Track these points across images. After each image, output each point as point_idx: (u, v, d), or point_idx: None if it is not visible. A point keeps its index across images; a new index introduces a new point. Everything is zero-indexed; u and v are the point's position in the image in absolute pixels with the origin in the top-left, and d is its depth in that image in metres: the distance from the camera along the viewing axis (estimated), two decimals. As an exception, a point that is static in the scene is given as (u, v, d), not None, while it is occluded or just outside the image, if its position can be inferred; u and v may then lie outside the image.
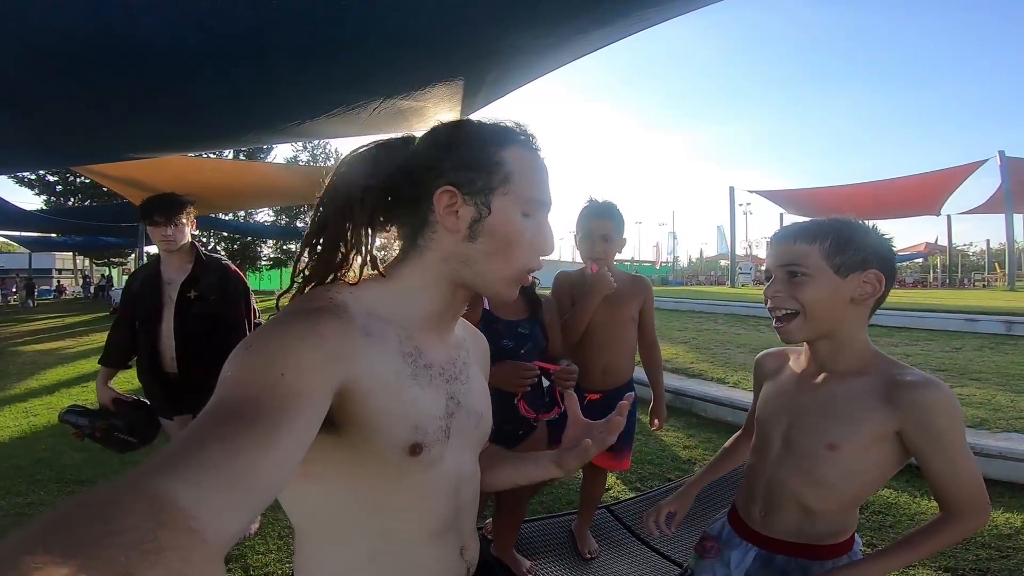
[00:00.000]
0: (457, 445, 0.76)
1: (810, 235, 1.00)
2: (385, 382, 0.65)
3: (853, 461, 0.98)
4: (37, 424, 4.36)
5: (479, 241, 0.72)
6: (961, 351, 6.06)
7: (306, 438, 0.53)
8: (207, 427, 0.47)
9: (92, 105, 2.01)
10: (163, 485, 0.39)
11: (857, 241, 0.98)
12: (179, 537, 0.36)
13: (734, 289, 22.81)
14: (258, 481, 0.45)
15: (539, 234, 0.75)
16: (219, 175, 8.34)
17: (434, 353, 0.75)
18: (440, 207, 0.71)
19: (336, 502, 0.69)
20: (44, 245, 24.50)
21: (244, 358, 0.56)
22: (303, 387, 0.54)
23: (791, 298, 1.00)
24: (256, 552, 2.34)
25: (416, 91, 2.27)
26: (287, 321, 0.60)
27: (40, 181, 20.36)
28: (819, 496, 1.01)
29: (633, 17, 1.91)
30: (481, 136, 0.74)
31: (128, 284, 2.39)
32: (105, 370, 2.33)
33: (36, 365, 7.08)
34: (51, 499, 2.91)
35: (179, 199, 2.27)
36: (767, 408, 1.14)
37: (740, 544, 1.13)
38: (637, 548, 2.27)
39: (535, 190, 0.74)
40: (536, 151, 0.77)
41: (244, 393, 0.52)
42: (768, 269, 1.08)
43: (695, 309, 11.42)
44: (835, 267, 0.98)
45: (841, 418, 0.99)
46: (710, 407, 4.46)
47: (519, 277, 0.75)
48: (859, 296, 0.99)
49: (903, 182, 22.41)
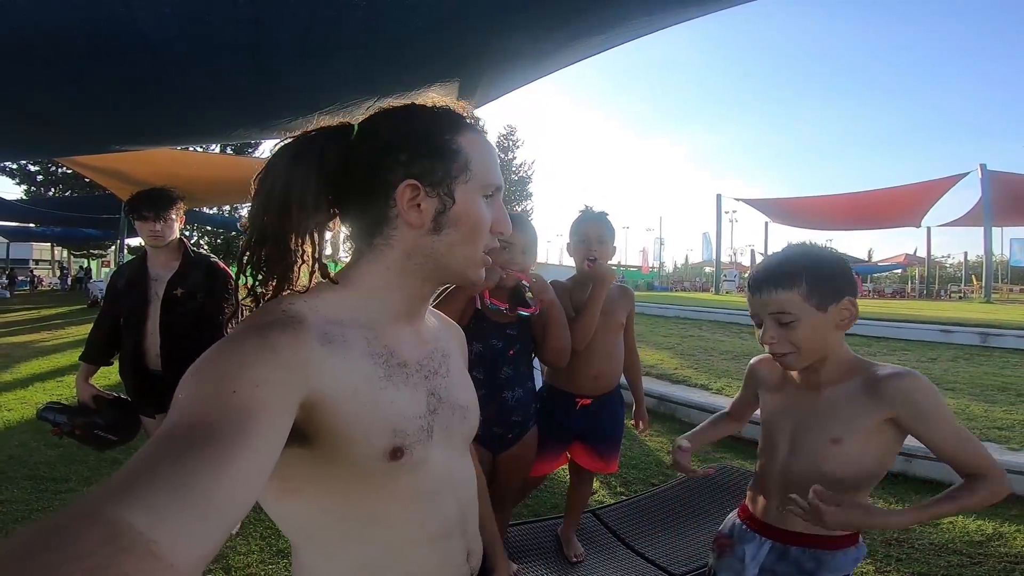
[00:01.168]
0: (443, 443, 0.73)
1: (786, 280, 1.09)
2: (354, 388, 0.63)
3: (856, 451, 1.09)
4: (10, 420, 4.24)
5: (444, 232, 0.70)
6: (936, 361, 6.18)
7: (268, 455, 0.51)
8: (160, 450, 0.45)
9: (82, 98, 1.98)
10: (118, 509, 0.38)
11: (826, 274, 1.09)
12: (141, 561, 0.35)
13: (718, 296, 23.04)
14: (218, 501, 0.44)
15: (499, 216, 0.75)
16: (206, 169, 8.25)
17: (407, 351, 0.72)
18: (403, 202, 0.68)
19: (323, 515, 0.67)
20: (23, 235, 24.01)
21: (195, 379, 0.54)
22: (257, 403, 0.52)
23: (787, 342, 1.11)
24: (238, 553, 2.31)
25: (410, 92, 2.27)
26: (238, 338, 0.58)
27: (21, 170, 19.97)
28: (830, 485, 1.09)
29: (624, 27, 1.94)
30: (435, 123, 0.71)
31: (113, 280, 2.35)
32: (86, 366, 2.29)
33: (9, 358, 6.87)
34: (25, 497, 2.83)
35: (169, 194, 2.24)
36: (769, 412, 1.27)
37: (754, 538, 1.23)
38: (622, 552, 2.28)
39: (491, 174, 0.73)
40: (484, 134, 0.75)
41: (197, 414, 0.50)
42: (755, 315, 1.16)
43: (680, 315, 11.51)
44: (815, 305, 1.08)
45: (839, 417, 1.11)
46: (693, 413, 4.49)
47: (484, 260, 0.75)
48: (840, 322, 1.10)
49: (885, 193, 22.84)
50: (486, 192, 0.73)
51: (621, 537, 2.38)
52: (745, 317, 10.43)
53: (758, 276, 1.14)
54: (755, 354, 1.39)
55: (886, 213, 23.70)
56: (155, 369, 2.21)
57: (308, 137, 0.70)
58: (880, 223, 24.83)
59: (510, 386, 1.79)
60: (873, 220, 24.34)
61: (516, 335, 1.81)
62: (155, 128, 2.60)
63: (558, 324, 1.82)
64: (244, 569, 2.20)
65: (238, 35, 1.56)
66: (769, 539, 1.20)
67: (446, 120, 0.71)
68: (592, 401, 2.10)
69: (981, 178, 19.58)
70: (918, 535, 2.53)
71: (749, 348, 7.06)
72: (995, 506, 2.75)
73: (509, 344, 1.79)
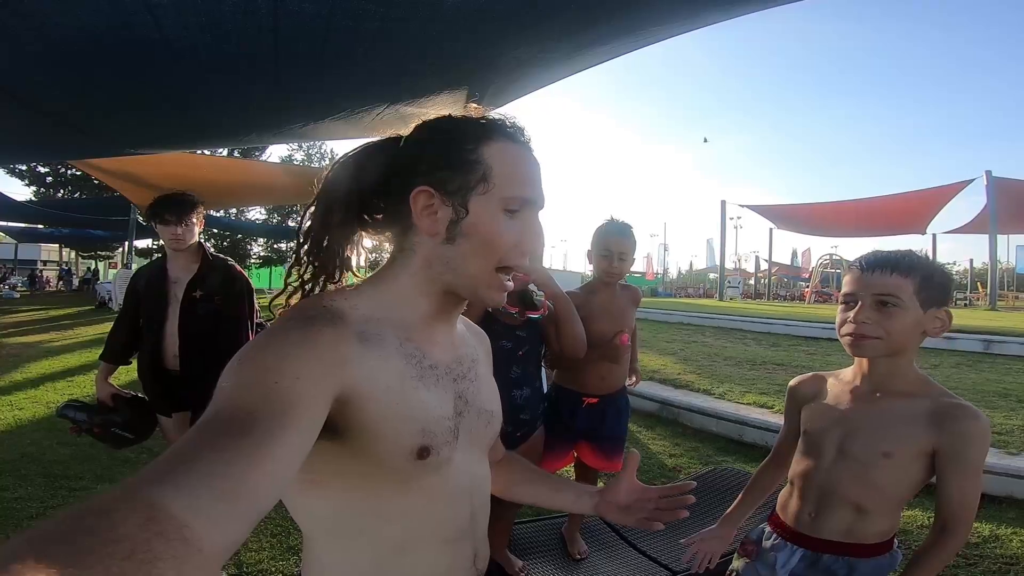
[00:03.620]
0: (466, 446, 0.74)
1: (904, 268, 1.07)
2: (387, 386, 0.64)
3: (904, 468, 1.09)
4: (22, 418, 4.31)
5: (458, 243, 0.69)
6: (939, 367, 6.17)
7: (302, 447, 0.53)
8: (201, 437, 0.47)
9: (100, 102, 2.04)
10: (156, 494, 0.39)
11: (938, 279, 1.09)
12: (173, 547, 0.36)
13: (722, 302, 23.01)
14: (252, 490, 0.45)
15: (526, 233, 0.71)
16: (215, 172, 8.31)
17: (438, 353, 0.73)
18: (417, 209, 0.69)
19: (344, 509, 0.68)
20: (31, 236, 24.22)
21: (239, 369, 0.56)
22: (298, 395, 0.53)
23: (879, 326, 1.07)
24: (249, 549, 2.35)
25: (420, 99, 2.33)
26: (281, 331, 0.60)
27: (31, 172, 20.13)
28: (874, 497, 1.11)
29: (632, 37, 1.98)
30: (460, 132, 0.71)
31: (134, 282, 2.41)
32: (105, 365, 2.35)
33: (20, 358, 6.93)
34: (39, 494, 2.89)
35: (191, 199, 2.30)
36: (816, 421, 1.23)
37: (785, 546, 1.22)
38: (625, 551, 2.32)
39: (519, 188, 0.70)
40: (522, 145, 0.73)
41: (238, 403, 0.51)
42: (852, 294, 1.12)
43: (684, 321, 11.52)
44: (921, 301, 1.07)
45: (894, 431, 1.10)
46: (696, 417, 4.53)
47: (495, 277, 0.71)
48: (931, 329, 1.09)
49: (891, 200, 22.74)
50: (509, 206, 0.70)
51: (624, 535, 2.42)
52: (749, 323, 10.44)
53: (874, 257, 1.11)
54: (758, 360, 1.40)
55: (891, 220, 23.60)
56: (173, 369, 2.27)
57: (356, 150, 0.76)
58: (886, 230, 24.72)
59: (519, 385, 1.85)
60: (879, 227, 24.23)
61: (525, 336, 1.87)
62: (172, 132, 2.66)
63: (568, 314, 1.86)
64: (256, 565, 2.25)
65: (257, 44, 1.61)
66: (801, 547, 1.19)
67: (472, 130, 0.71)
68: (599, 400, 2.15)
69: (987, 185, 19.49)
70: (915, 536, 2.56)
71: (752, 354, 7.10)
72: (992, 509, 2.78)
73: (519, 345, 1.85)
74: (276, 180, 9.76)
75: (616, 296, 2.18)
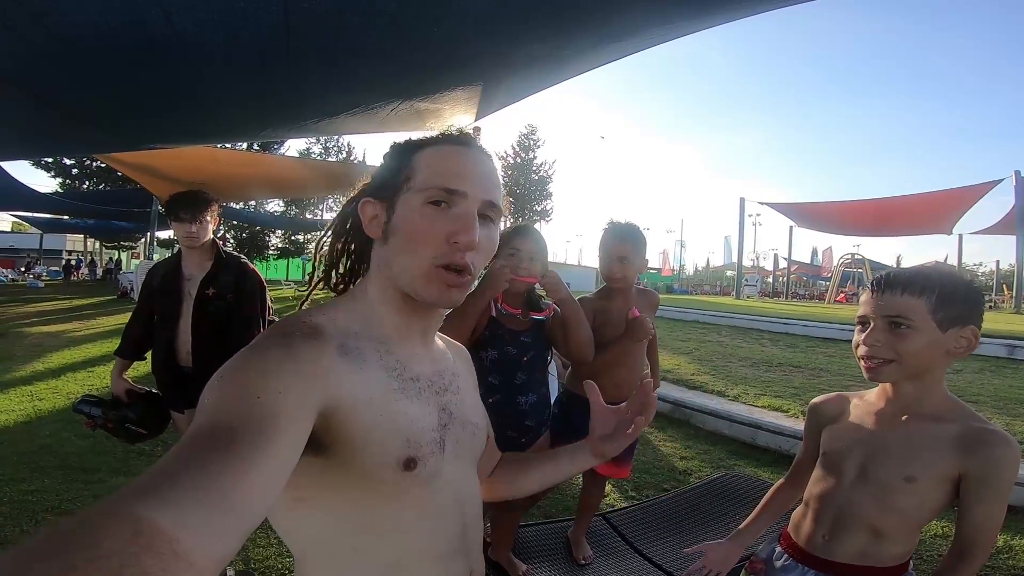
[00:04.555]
0: (453, 457, 0.74)
1: (917, 287, 1.02)
2: (370, 398, 0.65)
3: (926, 493, 1.05)
4: (42, 409, 4.37)
5: (390, 241, 0.72)
6: (961, 373, 6.02)
7: (288, 460, 0.53)
8: (185, 452, 0.47)
9: (120, 98, 2.06)
10: (143, 509, 0.38)
11: (960, 296, 1.02)
12: (163, 561, 0.36)
13: (739, 301, 22.77)
14: (240, 503, 0.45)
15: (457, 225, 0.69)
16: (233, 166, 8.41)
17: (419, 366, 0.75)
18: (365, 219, 0.75)
19: (333, 526, 0.67)
20: (57, 227, 24.86)
21: (221, 385, 0.57)
22: (280, 409, 0.54)
23: (890, 348, 1.04)
24: (257, 545, 2.38)
25: (435, 94, 2.32)
26: (262, 347, 0.61)
27: (56, 164, 20.57)
28: (893, 521, 1.07)
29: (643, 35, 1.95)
30: (400, 147, 0.77)
31: (149, 277, 2.44)
32: (120, 361, 2.38)
33: (42, 348, 7.04)
34: (55, 487, 2.92)
35: (205, 196, 2.31)
36: (837, 443, 1.18)
37: (796, 567, 1.18)
38: (631, 557, 2.29)
39: (442, 179, 0.70)
40: (457, 144, 0.74)
41: (221, 418, 0.52)
42: (865, 316, 1.09)
43: (699, 320, 11.42)
44: (938, 321, 1.01)
45: (919, 455, 1.05)
46: (709, 419, 4.47)
47: (433, 273, 0.69)
48: (955, 349, 1.03)
49: (915, 199, 22.28)
50: (430, 198, 0.69)
51: (630, 541, 2.40)
52: (766, 323, 10.30)
53: (886, 277, 1.08)
54: (774, 362, 1.35)
55: (916, 219, 23.14)
56: (186, 366, 2.29)
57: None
58: (910, 230, 24.23)
59: (524, 391, 1.82)
60: (902, 226, 23.76)
61: (530, 342, 1.85)
62: (188, 128, 2.69)
63: (575, 319, 1.84)
64: (263, 561, 2.27)
65: (270, 40, 1.61)
66: (812, 569, 1.15)
67: (412, 144, 0.76)
68: None
69: (1015, 185, 19.02)
70: (926, 547, 2.51)
71: (768, 355, 7.00)
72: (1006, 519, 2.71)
73: (523, 351, 1.83)
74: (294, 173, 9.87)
75: (631, 300, 2.14)
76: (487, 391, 1.62)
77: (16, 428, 3.92)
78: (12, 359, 6.32)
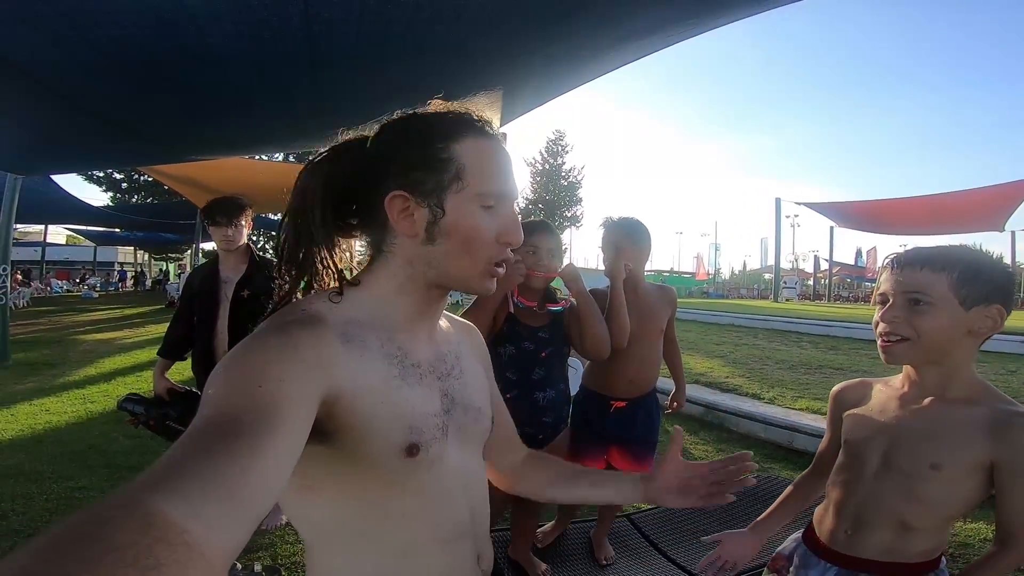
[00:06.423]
0: (457, 442, 0.74)
1: (938, 264, 0.99)
2: (371, 385, 0.65)
3: (955, 482, 1.00)
4: (93, 411, 4.59)
5: (438, 243, 0.69)
6: (1016, 374, 5.74)
7: (293, 447, 0.53)
8: (191, 444, 0.47)
9: (161, 110, 2.18)
10: (153, 501, 0.39)
11: (985, 274, 0.98)
12: (176, 552, 0.36)
13: (777, 304, 22.16)
14: (247, 493, 0.45)
15: (504, 226, 0.71)
16: (270, 176, 8.69)
17: (420, 352, 0.74)
18: (393, 213, 0.69)
19: (340, 513, 0.68)
20: (109, 239, 26.13)
21: (222, 377, 0.57)
22: (282, 397, 0.54)
23: (908, 325, 1.00)
24: (286, 542, 2.43)
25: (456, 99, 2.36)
26: (261, 337, 0.61)
27: (107, 178, 21.60)
28: (920, 513, 1.03)
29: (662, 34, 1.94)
30: (429, 131, 0.70)
31: (189, 281, 2.56)
32: (162, 361, 2.50)
33: (95, 354, 7.46)
34: (100, 484, 3.05)
35: (239, 202, 2.41)
36: (858, 430, 1.14)
37: (818, 564, 1.14)
38: (654, 558, 2.26)
39: (492, 182, 0.70)
40: (492, 138, 0.72)
41: (224, 409, 0.52)
42: (884, 293, 1.06)
43: (734, 323, 11.18)
44: (961, 298, 0.98)
45: (946, 441, 1.00)
46: (743, 422, 4.36)
47: (488, 271, 0.72)
48: (979, 329, 0.99)
49: (964, 196, 21.29)
50: (484, 203, 0.70)
51: (654, 542, 2.36)
52: (805, 325, 10.02)
53: (906, 253, 1.04)
54: (813, 364, 1.30)
55: (965, 216, 22.07)
56: None
57: (322, 155, 0.74)
58: (958, 227, 23.13)
59: (542, 387, 1.83)
60: (951, 224, 22.68)
61: (548, 338, 1.85)
62: (226, 137, 2.80)
63: (591, 314, 1.84)
64: (290, 557, 2.32)
65: (296, 51, 1.68)
66: (835, 565, 1.11)
67: (441, 128, 0.70)
68: (627, 404, 2.11)
69: (1075, 178, 17.99)
70: (976, 550, 2.40)
71: (807, 358, 6.80)
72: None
73: (541, 346, 1.83)
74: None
75: (645, 295, 2.13)
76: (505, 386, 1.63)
77: (68, 428, 4.12)
78: (66, 364, 6.70)
